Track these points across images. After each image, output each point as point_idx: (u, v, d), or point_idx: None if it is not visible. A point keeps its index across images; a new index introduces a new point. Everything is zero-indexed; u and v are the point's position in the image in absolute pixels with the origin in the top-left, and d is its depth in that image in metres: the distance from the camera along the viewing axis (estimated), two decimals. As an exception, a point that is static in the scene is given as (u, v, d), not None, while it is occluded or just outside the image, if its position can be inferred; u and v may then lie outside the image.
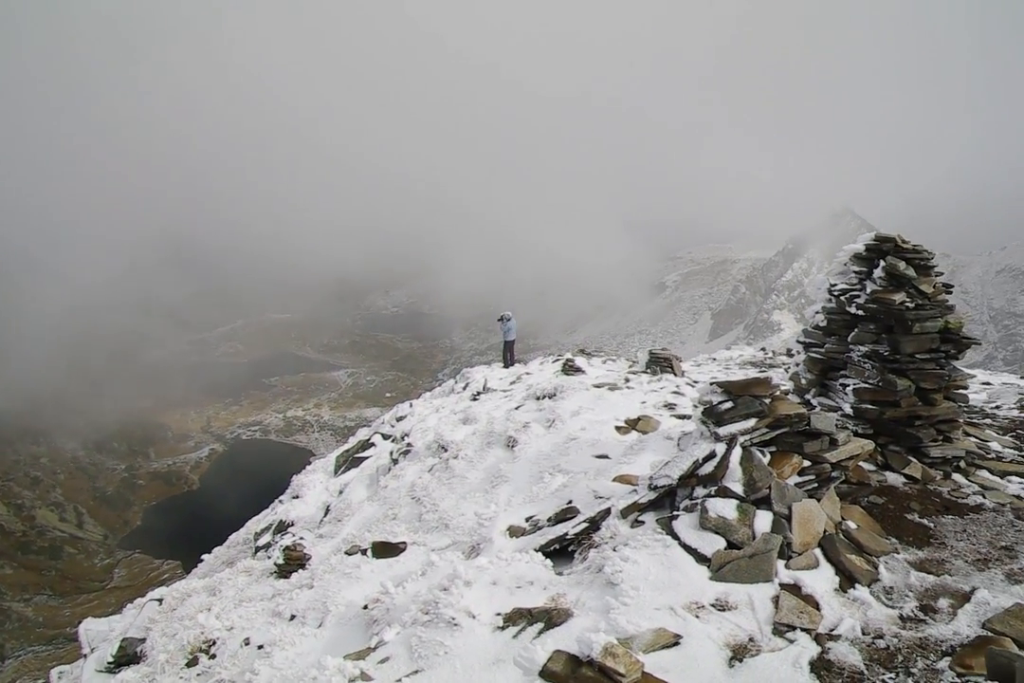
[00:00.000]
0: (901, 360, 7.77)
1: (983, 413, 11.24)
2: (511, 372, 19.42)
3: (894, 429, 7.83)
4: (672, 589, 5.06)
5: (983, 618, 4.62)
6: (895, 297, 7.75)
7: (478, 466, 11.13)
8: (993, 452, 8.48)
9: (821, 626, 4.71)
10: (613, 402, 13.17)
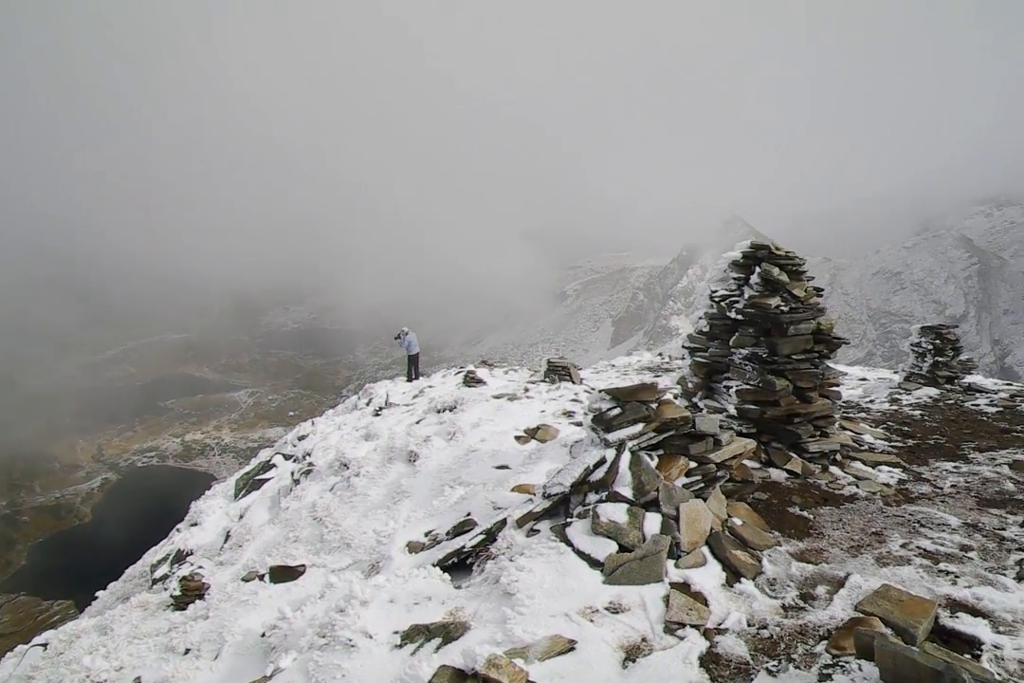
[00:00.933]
0: (779, 361, 8.28)
1: (859, 407, 12.08)
2: (414, 386, 19.43)
3: (775, 427, 8.33)
4: (567, 595, 5.21)
5: (855, 601, 4.96)
6: (771, 301, 8.26)
7: (380, 482, 11.06)
8: (866, 444, 9.16)
9: (710, 621, 4.95)
10: (513, 412, 13.39)
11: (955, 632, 4.62)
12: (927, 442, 9.33)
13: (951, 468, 8.17)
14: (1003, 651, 4.38)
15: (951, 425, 10.28)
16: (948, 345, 13.75)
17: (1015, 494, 7.21)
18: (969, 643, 4.51)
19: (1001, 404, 11.76)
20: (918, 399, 12.37)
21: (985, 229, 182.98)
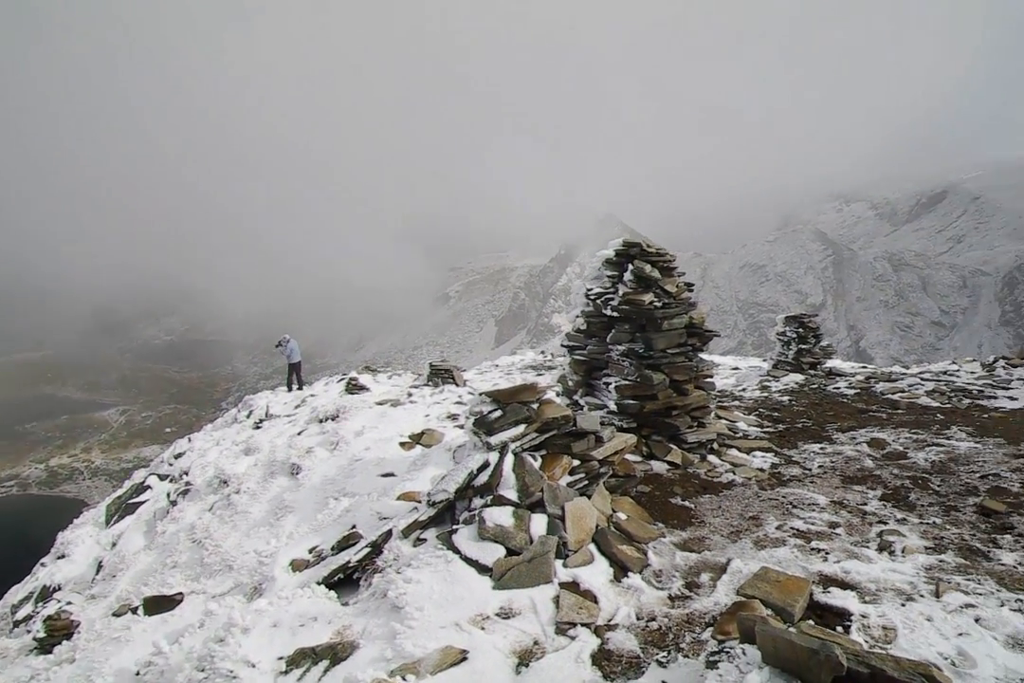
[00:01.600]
0: (655, 356, 8.53)
1: (733, 396, 12.67)
2: (296, 396, 18.79)
3: (655, 420, 8.58)
4: (457, 604, 5.13)
5: (737, 586, 5.15)
6: (644, 298, 8.50)
7: (262, 499, 10.60)
8: (741, 431, 9.60)
9: (600, 618, 5.00)
10: (397, 418, 13.19)
11: (828, 606, 4.88)
12: (795, 426, 9.89)
13: (818, 449, 8.69)
14: (869, 620, 4.66)
15: (816, 408, 10.95)
16: (810, 333, 14.65)
17: (874, 470, 7.75)
18: (840, 615, 4.78)
19: (858, 386, 12.66)
20: (786, 385, 13.12)
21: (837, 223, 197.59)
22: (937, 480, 7.34)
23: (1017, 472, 7.46)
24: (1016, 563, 5.42)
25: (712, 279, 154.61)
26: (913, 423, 9.67)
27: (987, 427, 9.35)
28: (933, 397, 11.41)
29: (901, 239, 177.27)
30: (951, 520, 6.28)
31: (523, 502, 5.93)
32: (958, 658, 4.26)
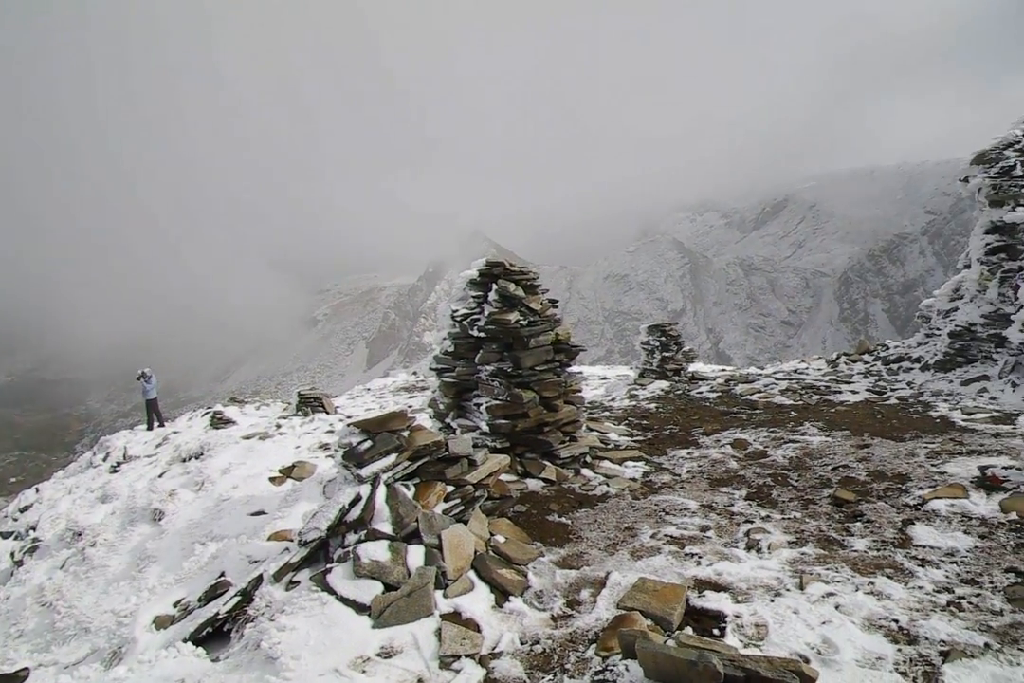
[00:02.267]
0: (524, 374, 8.60)
1: (603, 406, 12.97)
2: (157, 433, 17.61)
3: (527, 438, 8.64)
4: (335, 649, 4.90)
5: (617, 599, 5.22)
6: (510, 317, 8.57)
7: (121, 550, 9.80)
8: (612, 442, 9.83)
9: (484, 647, 4.92)
10: (266, 452, 12.64)
11: (704, 610, 5.04)
12: (664, 433, 10.25)
13: (685, 455, 9.03)
14: (742, 619, 4.84)
15: (682, 414, 11.40)
16: (672, 341, 15.29)
17: (738, 471, 8.13)
18: (716, 617, 4.94)
19: (719, 389, 13.32)
20: (652, 393, 13.60)
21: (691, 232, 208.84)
22: (795, 476, 7.80)
23: (863, 461, 8.06)
24: (867, 548, 5.82)
25: (578, 291, 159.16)
26: (771, 422, 10.25)
27: (835, 421, 10.07)
28: (787, 395, 12.15)
29: (750, 245, 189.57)
30: (809, 513, 6.67)
31: (398, 534, 5.78)
32: (823, 646, 4.49)
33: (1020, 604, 4.84)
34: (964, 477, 7.21)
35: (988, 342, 12.18)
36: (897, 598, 4.97)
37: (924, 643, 4.43)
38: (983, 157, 12.66)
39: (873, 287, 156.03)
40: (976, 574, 5.29)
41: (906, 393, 11.71)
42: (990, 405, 10.59)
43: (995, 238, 12.23)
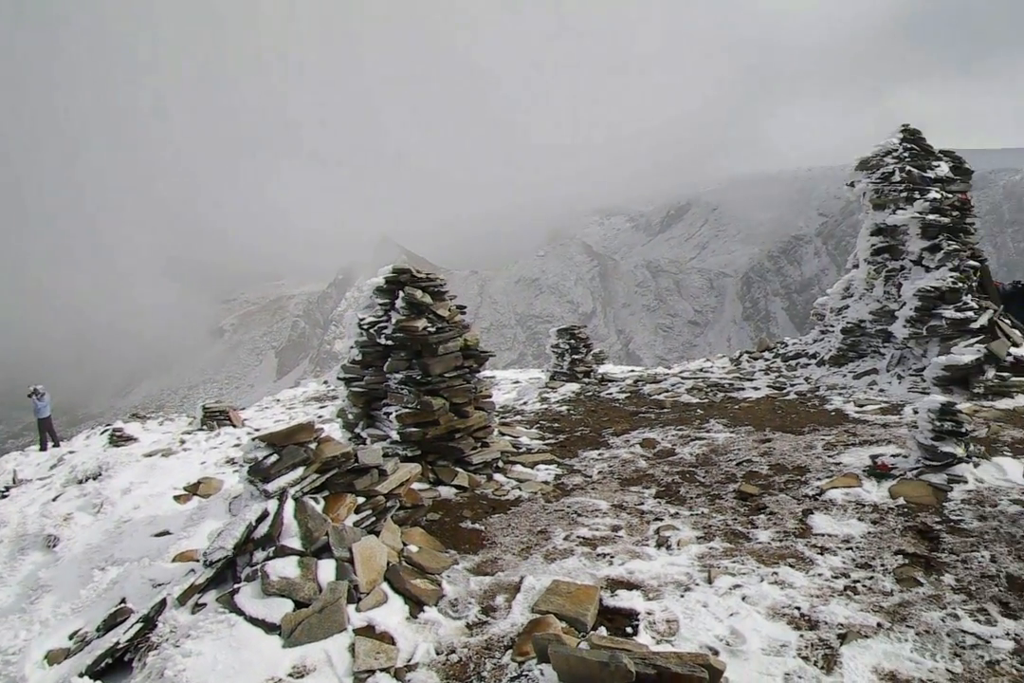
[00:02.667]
0: (433, 381, 8.58)
1: (515, 411, 13.05)
2: (51, 454, 16.62)
3: (439, 445, 8.61)
4: (245, 672, 4.74)
5: (532, 603, 5.26)
6: (418, 324, 8.53)
7: (10, 581, 9.17)
8: (524, 446, 9.90)
9: (399, 660, 4.86)
10: (170, 469, 12.13)
11: (617, 609, 5.14)
12: (575, 435, 10.40)
13: (596, 456, 9.19)
14: (654, 616, 4.97)
15: (592, 415, 11.60)
16: (581, 343, 15.54)
17: (647, 470, 8.34)
18: (629, 616, 5.04)
19: (628, 390, 13.62)
20: (563, 395, 13.77)
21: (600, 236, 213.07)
22: (702, 472, 8.06)
23: (765, 456, 8.41)
24: (770, 540, 6.07)
25: (490, 295, 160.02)
26: (678, 420, 10.55)
27: (738, 417, 10.46)
28: (693, 394, 12.54)
29: (656, 248, 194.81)
30: (716, 508, 6.90)
31: (308, 549, 5.65)
32: (731, 637, 4.65)
33: (907, 584, 5.16)
34: (857, 466, 7.62)
35: (876, 337, 12.90)
36: (799, 586, 5.20)
37: (824, 627, 4.65)
38: (866, 164, 13.40)
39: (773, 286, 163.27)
40: (869, 558, 5.59)
41: (804, 388, 12.28)
42: (879, 397, 11.22)
43: (879, 239, 12.96)
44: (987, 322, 11.42)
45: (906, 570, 5.36)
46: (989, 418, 9.29)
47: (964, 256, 12.12)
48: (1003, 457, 7.62)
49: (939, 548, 5.69)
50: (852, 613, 4.79)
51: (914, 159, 12.86)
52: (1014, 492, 6.68)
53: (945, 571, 5.31)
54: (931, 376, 11.01)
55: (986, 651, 4.32)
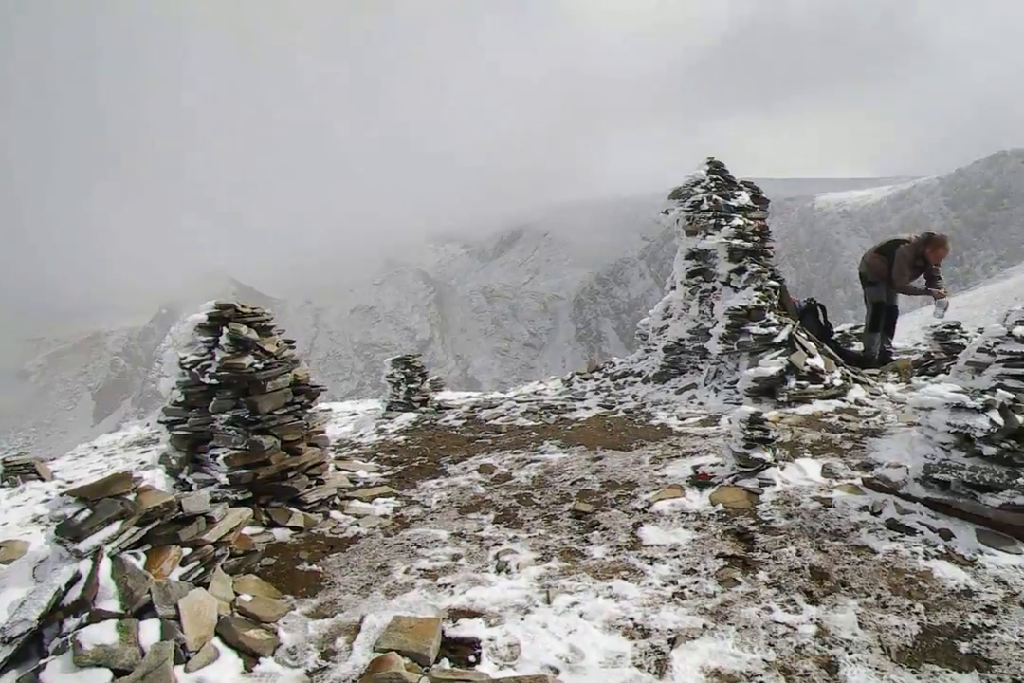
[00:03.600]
0: (263, 419, 8.28)
1: (351, 444, 12.80)
2: None
3: (271, 486, 8.30)
4: (55, 757, 4.33)
5: (373, 642, 5.18)
6: (244, 361, 8.22)
7: None
8: (362, 480, 9.73)
9: (232, 720, 4.63)
10: (-40, 536, 10.80)
11: (460, 639, 5.17)
12: (413, 465, 10.36)
13: (435, 485, 9.21)
14: (496, 641, 5.04)
15: (430, 444, 11.61)
16: (416, 372, 15.54)
17: (485, 496, 8.46)
18: (472, 644, 5.08)
19: (465, 416, 13.77)
20: (400, 425, 13.70)
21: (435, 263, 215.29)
22: (538, 494, 8.29)
23: (597, 473, 8.80)
24: (604, 555, 6.35)
25: (326, 325, 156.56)
26: (514, 444, 10.79)
27: (571, 437, 10.86)
28: (528, 417, 12.87)
29: (491, 273, 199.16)
30: (553, 529, 7.13)
31: (128, 611, 5.25)
32: (571, 655, 4.81)
33: (728, 584, 5.58)
34: (681, 477, 8.16)
35: (695, 354, 13.88)
36: (632, 597, 5.48)
37: (656, 634, 4.93)
38: (678, 193, 14.47)
39: (603, 308, 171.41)
40: (694, 564, 6.00)
41: (631, 405, 12.94)
42: (699, 410, 12.06)
43: (693, 263, 13.98)
44: (787, 336, 12.62)
45: (726, 572, 5.80)
46: (792, 423, 10.25)
47: (765, 277, 13.34)
48: (804, 458, 8.45)
49: (754, 548, 6.21)
50: (680, 618, 5.11)
51: (719, 189, 14.02)
52: (814, 490, 7.42)
53: (760, 569, 5.80)
54: (743, 388, 12.00)
55: (794, 638, 4.77)
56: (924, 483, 6.75)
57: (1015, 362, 8.18)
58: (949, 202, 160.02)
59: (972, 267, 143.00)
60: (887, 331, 15.71)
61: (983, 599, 5.16)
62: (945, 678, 4.29)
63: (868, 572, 5.63)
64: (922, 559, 5.80)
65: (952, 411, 6.38)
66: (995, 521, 6.16)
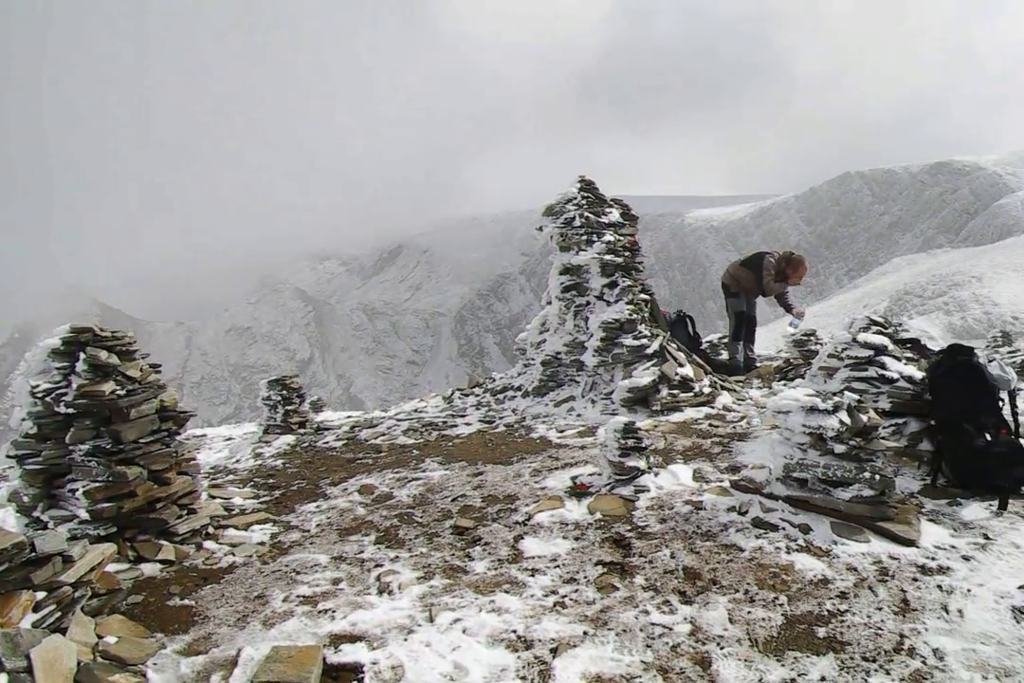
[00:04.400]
0: (127, 449, 7.81)
1: (227, 470, 12.27)
2: None
3: (138, 519, 7.83)
4: None
5: (251, 675, 4.97)
6: (104, 388, 7.73)
7: None
8: (237, 507, 9.34)
9: (95, 771, 4.33)
10: None
11: (342, 665, 5.04)
12: (291, 489, 10.05)
13: (314, 508, 8.96)
14: (379, 664, 4.96)
15: (309, 466, 11.30)
16: (294, 393, 15.11)
17: (366, 517, 8.31)
18: (355, 669, 4.97)
19: (345, 437, 13.50)
20: (278, 449, 13.26)
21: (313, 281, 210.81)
22: (420, 512, 8.23)
23: (478, 488, 8.83)
24: (486, 569, 6.39)
25: (199, 346, 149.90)
26: (395, 463, 10.68)
27: (453, 454, 10.86)
28: (409, 435, 12.77)
29: (371, 291, 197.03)
30: (435, 546, 7.10)
31: (-27, 670, 4.82)
32: (455, 672, 4.80)
33: (606, 590, 5.74)
34: (560, 489, 8.32)
35: (571, 367, 14.21)
36: (514, 610, 5.53)
37: (538, 645, 4.99)
38: (551, 210, 14.84)
39: (485, 323, 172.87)
40: (574, 572, 6.13)
41: (511, 419, 13.09)
42: (577, 421, 12.35)
43: (567, 278, 14.35)
44: (659, 347, 13.16)
45: (605, 578, 5.96)
46: (665, 431, 10.67)
47: (636, 291, 13.88)
48: (677, 464, 8.82)
49: (631, 553, 6.41)
50: (562, 626, 5.20)
51: (591, 206, 14.48)
52: (686, 494, 7.76)
53: (637, 573, 6.00)
54: (618, 398, 12.39)
55: (670, 637, 4.96)
56: (785, 482, 7.19)
57: (860, 366, 8.90)
58: (804, 218, 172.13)
59: (826, 278, 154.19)
60: (748, 339, 16.69)
61: (837, 586, 5.56)
62: (805, 662, 4.59)
63: (736, 569, 5.93)
64: (784, 553, 6.18)
65: (806, 413, 6.85)
66: (846, 513, 6.66)
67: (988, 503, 7.10)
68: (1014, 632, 4.81)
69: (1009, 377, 7.76)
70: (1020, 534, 6.42)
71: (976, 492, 7.35)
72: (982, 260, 72.58)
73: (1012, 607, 5.12)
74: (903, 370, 8.77)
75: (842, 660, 4.57)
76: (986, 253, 76.96)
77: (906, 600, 5.30)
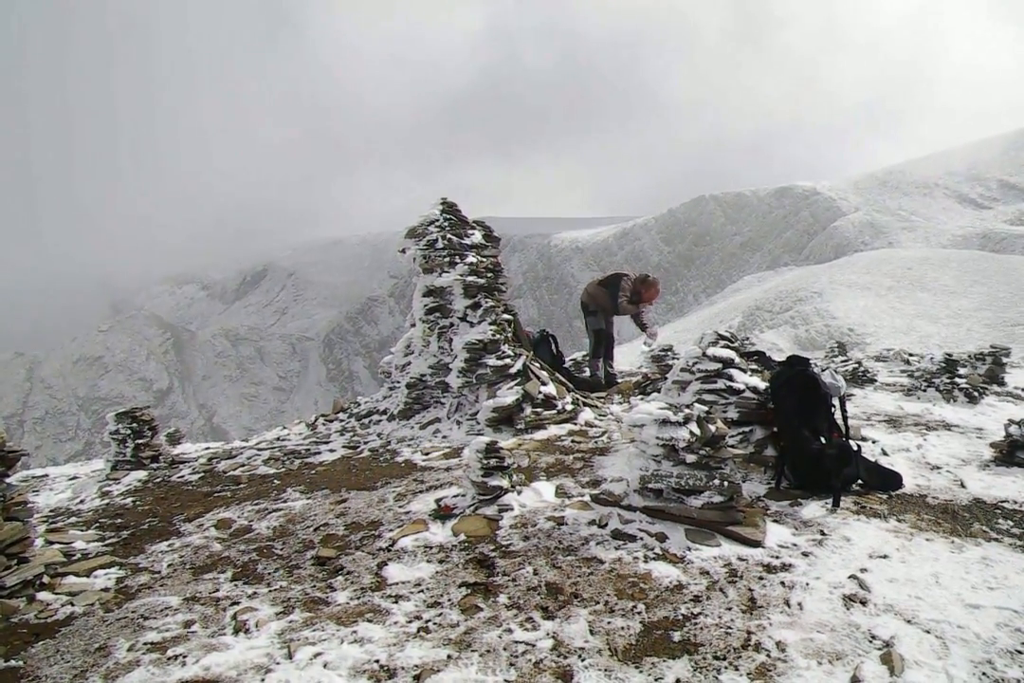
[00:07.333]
0: (-55, 494, 7.05)
1: (69, 512, 11.30)
2: None
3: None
4: None
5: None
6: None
7: None
8: (79, 552, 8.59)
9: None
10: None
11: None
12: (141, 528, 9.37)
13: (166, 548, 8.38)
14: (234, 709, 4.69)
15: (162, 503, 10.59)
16: (145, 426, 14.17)
17: (222, 553, 7.87)
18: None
19: (202, 469, 12.75)
20: (128, 486, 12.36)
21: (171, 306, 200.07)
22: (280, 544, 7.88)
23: (341, 516, 8.56)
24: (348, 599, 6.18)
25: (43, 379, 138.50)
26: (255, 494, 10.19)
27: (316, 482, 10.50)
28: (270, 464, 12.25)
29: (234, 316, 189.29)
30: (295, 579, 6.81)
31: None
32: (316, 710, 4.61)
33: (470, 612, 5.69)
34: (424, 512, 8.22)
35: (437, 389, 14.15)
36: (377, 639, 5.38)
37: (402, 673, 4.88)
38: (413, 232, 14.80)
39: (354, 347, 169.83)
40: (438, 596, 6.05)
41: (377, 444, 12.86)
42: (443, 443, 12.28)
43: (431, 300, 14.33)
44: (522, 366, 13.34)
45: (469, 599, 5.91)
46: (529, 449, 10.79)
47: (499, 311, 14.03)
48: (540, 481, 8.93)
49: (495, 573, 6.41)
50: (425, 652, 5.11)
51: (453, 228, 14.54)
52: (548, 510, 7.86)
53: (500, 592, 5.99)
54: (483, 418, 12.44)
55: (533, 654, 4.98)
56: (642, 493, 7.43)
57: (710, 378, 9.37)
58: (663, 238, 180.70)
59: (685, 296, 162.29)
60: (608, 356, 17.26)
61: (691, 590, 5.79)
62: (662, 667, 4.73)
63: (597, 581, 6.05)
64: (642, 562, 6.37)
65: (660, 426, 7.12)
66: (699, 519, 6.97)
67: (824, 502, 7.68)
68: (844, 618, 5.19)
69: (839, 384, 8.44)
70: (851, 528, 6.97)
71: (814, 492, 7.93)
72: (821, 277, 78.90)
73: (843, 596, 5.54)
74: (748, 381, 9.33)
75: (696, 661, 4.76)
76: (825, 271, 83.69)
77: (753, 598, 5.59)
